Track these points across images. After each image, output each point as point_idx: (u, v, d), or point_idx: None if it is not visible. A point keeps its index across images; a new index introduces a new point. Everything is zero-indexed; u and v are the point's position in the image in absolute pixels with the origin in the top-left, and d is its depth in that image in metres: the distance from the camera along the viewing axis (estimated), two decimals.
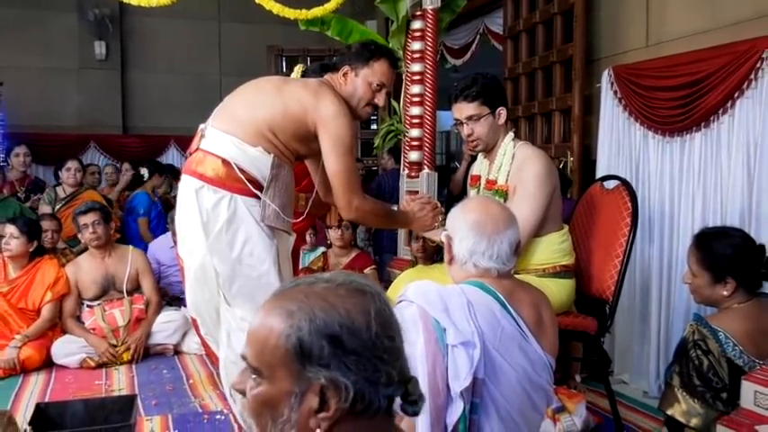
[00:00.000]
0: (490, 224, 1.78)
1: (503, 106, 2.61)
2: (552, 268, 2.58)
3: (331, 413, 0.97)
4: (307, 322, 0.97)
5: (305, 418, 0.98)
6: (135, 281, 4.27)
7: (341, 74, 2.52)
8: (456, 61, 5.93)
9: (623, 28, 3.86)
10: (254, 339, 1.02)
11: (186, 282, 2.58)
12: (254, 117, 2.41)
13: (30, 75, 7.53)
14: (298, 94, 2.44)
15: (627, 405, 3.26)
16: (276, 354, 0.98)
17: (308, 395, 0.97)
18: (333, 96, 2.44)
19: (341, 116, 2.41)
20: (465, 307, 1.65)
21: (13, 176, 5.58)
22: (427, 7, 3.81)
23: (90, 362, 3.95)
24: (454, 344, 1.59)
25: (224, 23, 8.24)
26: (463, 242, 1.78)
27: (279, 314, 1.00)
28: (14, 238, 4.04)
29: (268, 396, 1.00)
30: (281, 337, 0.98)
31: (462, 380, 1.57)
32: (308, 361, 0.96)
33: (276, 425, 0.99)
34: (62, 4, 7.70)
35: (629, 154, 3.65)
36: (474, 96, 2.58)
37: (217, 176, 2.37)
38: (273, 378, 0.99)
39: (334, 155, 2.41)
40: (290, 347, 0.97)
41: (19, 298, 4.05)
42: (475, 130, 2.61)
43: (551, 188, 2.54)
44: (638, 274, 3.54)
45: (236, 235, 2.39)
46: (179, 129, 7.88)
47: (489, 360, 1.62)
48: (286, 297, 1.02)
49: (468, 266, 1.78)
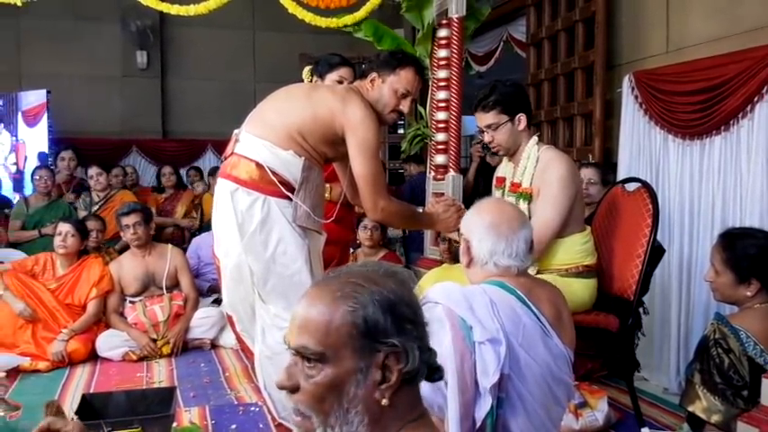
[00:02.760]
0: (506, 224, 1.83)
1: (523, 112, 2.65)
2: (575, 268, 2.62)
3: (393, 381, 1.05)
4: (366, 298, 1.05)
5: (371, 392, 1.04)
6: (174, 278, 4.39)
7: (368, 80, 2.57)
8: (480, 68, 6.01)
9: (644, 34, 3.91)
10: (313, 327, 1.05)
11: (222, 280, 2.65)
12: (286, 122, 2.47)
13: (76, 83, 7.79)
14: (326, 100, 2.50)
15: (647, 401, 3.23)
16: (341, 333, 1.04)
17: (372, 369, 1.04)
18: (360, 101, 2.50)
19: (367, 120, 2.46)
20: (488, 305, 1.69)
21: (60, 179, 5.74)
22: (453, 16, 3.91)
23: (132, 355, 4.06)
24: (481, 341, 1.63)
25: (258, 32, 8.39)
26: (482, 243, 1.83)
27: (334, 299, 1.06)
28: (71, 237, 4.18)
29: (334, 378, 1.04)
30: (345, 316, 1.04)
31: (491, 375, 1.60)
32: (373, 334, 1.04)
33: (342, 406, 1.05)
34: (106, 16, 7.94)
35: (649, 157, 3.67)
36: (491, 106, 2.64)
37: (251, 179, 2.44)
38: (338, 359, 1.04)
39: (360, 157, 2.46)
40: (357, 324, 1.04)
41: (66, 294, 4.17)
42: (495, 137, 2.66)
43: (574, 190, 2.58)
44: (658, 273, 3.56)
45: (269, 235, 2.45)
46: (215, 133, 8.08)
47: (514, 356, 1.66)
48: (332, 285, 1.08)
49: (489, 266, 1.83)
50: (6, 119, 6.91)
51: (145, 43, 8.01)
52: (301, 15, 4.50)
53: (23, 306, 4.00)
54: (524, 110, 2.67)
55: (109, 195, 5.49)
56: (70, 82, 7.71)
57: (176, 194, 6.42)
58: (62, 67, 7.76)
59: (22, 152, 6.73)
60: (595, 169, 3.61)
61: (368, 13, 4.51)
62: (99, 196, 5.47)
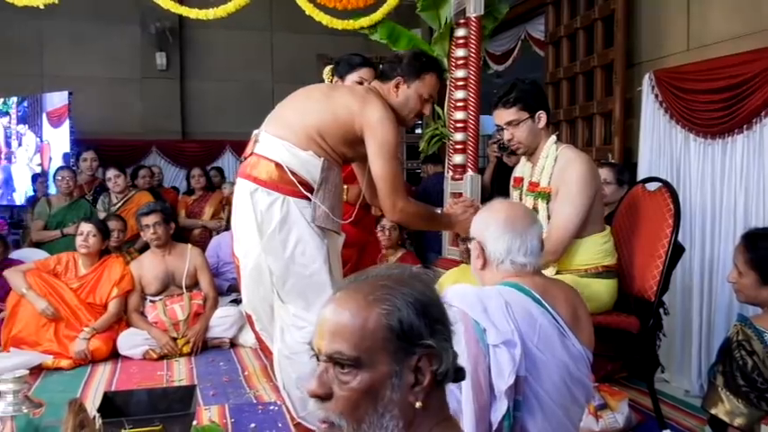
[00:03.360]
0: (519, 221, 1.83)
1: (543, 110, 2.64)
2: (594, 268, 2.61)
3: (426, 383, 1.05)
4: (400, 301, 1.04)
5: (405, 395, 1.04)
6: (193, 277, 4.43)
7: (392, 84, 2.57)
8: (498, 67, 5.99)
9: (664, 32, 3.88)
10: (347, 332, 1.04)
11: (242, 279, 2.66)
12: (305, 122, 2.48)
13: (97, 85, 7.86)
14: (345, 100, 2.51)
15: (669, 403, 3.22)
16: (377, 337, 1.03)
17: (405, 372, 1.04)
18: (379, 102, 2.50)
19: (387, 121, 2.47)
20: (503, 307, 1.67)
21: (82, 180, 5.80)
22: (471, 15, 3.90)
23: (152, 353, 4.11)
24: (495, 343, 1.62)
25: (276, 33, 8.43)
26: (498, 242, 1.81)
27: (367, 302, 1.05)
28: (93, 236, 4.23)
29: (370, 383, 1.03)
30: (380, 319, 1.03)
31: (506, 378, 1.59)
32: (409, 337, 1.03)
33: (377, 411, 1.04)
34: (126, 19, 8.01)
35: (670, 156, 3.65)
36: (512, 102, 2.63)
37: (270, 179, 2.45)
38: (374, 363, 1.03)
39: (380, 159, 2.46)
40: (393, 327, 1.03)
41: (88, 293, 4.22)
42: (515, 134, 2.65)
43: (594, 190, 2.56)
44: (679, 274, 3.54)
45: (288, 235, 2.46)
46: (234, 134, 8.15)
47: (530, 358, 1.64)
48: (362, 289, 1.07)
49: (506, 265, 1.82)
50: (31, 120, 7.00)
51: (164, 45, 8.07)
52: (318, 17, 4.51)
53: (46, 304, 4.06)
54: (544, 108, 2.67)
55: (127, 196, 5.54)
56: (91, 84, 7.78)
57: (205, 196, 6.49)
58: (83, 68, 7.84)
59: (46, 153, 6.81)
60: (610, 169, 3.59)
61: (384, 15, 4.51)
62: (117, 198, 5.53)
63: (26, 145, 7.04)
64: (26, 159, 7.04)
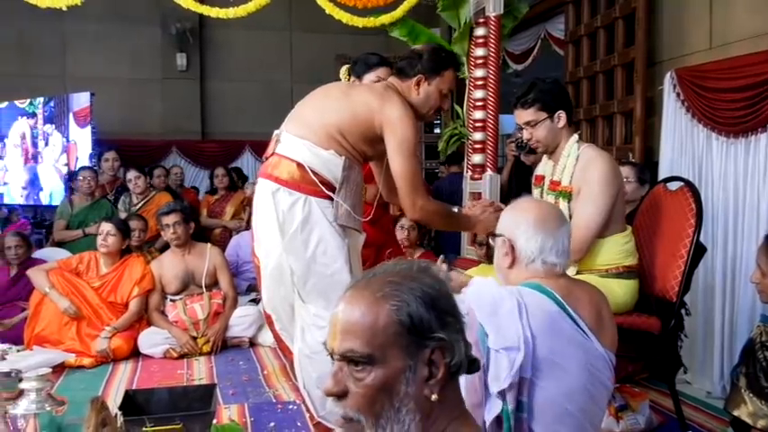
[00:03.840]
0: (551, 220, 1.80)
1: (562, 109, 2.62)
2: (615, 269, 2.58)
3: (440, 376, 1.06)
4: (409, 296, 1.06)
5: (420, 389, 1.06)
6: (213, 276, 4.46)
7: (413, 82, 2.55)
8: (518, 66, 5.96)
9: (686, 30, 3.84)
10: (358, 329, 1.05)
11: (262, 280, 2.66)
12: (325, 121, 2.48)
13: (118, 85, 7.94)
14: (364, 98, 2.51)
15: (690, 405, 3.20)
16: (388, 333, 1.04)
17: (419, 366, 1.05)
18: (398, 99, 2.50)
19: (406, 118, 2.46)
20: (515, 311, 1.64)
21: (104, 180, 5.86)
22: (490, 14, 3.89)
23: (173, 352, 4.14)
24: (496, 348, 1.60)
25: (295, 33, 8.46)
26: (530, 241, 1.77)
27: (376, 299, 1.06)
28: (111, 236, 4.28)
29: (384, 378, 1.04)
30: (390, 315, 1.04)
31: (501, 381, 1.58)
32: (419, 330, 1.05)
33: (393, 406, 1.05)
34: (147, 19, 8.09)
35: (692, 155, 3.61)
36: (530, 103, 2.62)
37: (292, 179, 2.45)
38: (387, 358, 1.04)
39: (399, 156, 2.45)
40: (403, 322, 1.04)
41: (109, 292, 4.27)
42: (534, 134, 2.64)
43: (616, 189, 2.54)
44: (701, 274, 3.50)
45: (310, 235, 2.46)
46: (253, 134, 8.20)
47: (543, 361, 1.62)
48: (371, 286, 1.08)
49: (536, 265, 1.78)
50: (57, 120, 7.08)
51: (184, 45, 8.13)
52: (338, 16, 4.53)
53: (68, 303, 4.11)
54: (564, 107, 2.65)
55: (148, 197, 5.59)
56: (112, 84, 7.86)
57: (227, 196, 6.54)
58: (105, 69, 7.94)
59: (73, 153, 6.88)
60: (631, 167, 3.56)
61: (405, 12, 4.52)
62: (138, 198, 5.58)
63: (53, 145, 7.12)
64: (53, 160, 7.12)
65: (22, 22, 7.49)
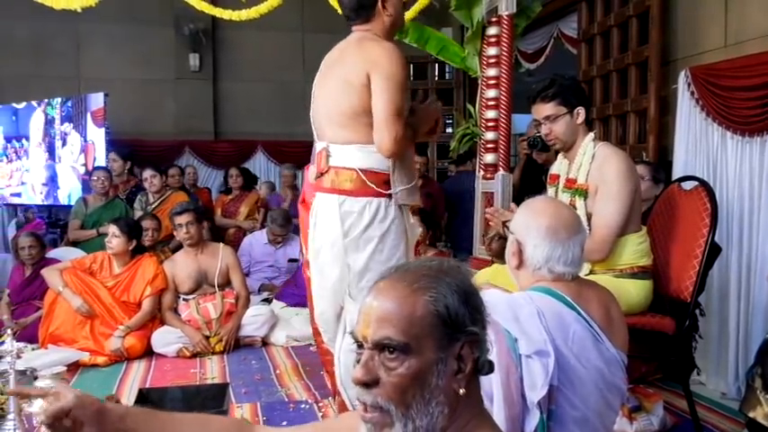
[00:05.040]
0: (563, 230, 1.75)
1: (582, 106, 2.63)
2: (630, 269, 2.57)
3: (468, 371, 1.08)
4: (445, 289, 1.07)
5: (449, 382, 1.07)
6: (225, 276, 4.48)
7: (379, 6, 2.56)
8: (530, 65, 5.94)
9: (701, 29, 3.81)
10: (395, 318, 1.06)
11: (317, 294, 2.70)
12: (347, 113, 2.51)
13: (131, 86, 7.98)
14: (348, 65, 2.52)
15: (705, 406, 3.17)
16: (424, 323, 1.06)
17: (449, 359, 1.07)
18: (376, 41, 2.53)
19: (388, 51, 2.46)
20: (535, 315, 1.63)
21: (117, 180, 5.92)
22: (503, 13, 3.87)
23: (185, 351, 4.17)
24: (527, 354, 1.57)
25: (307, 34, 8.46)
26: (538, 249, 1.75)
27: (413, 290, 1.07)
28: (115, 237, 4.32)
29: (418, 368, 1.05)
30: (427, 306, 1.06)
31: (539, 389, 1.55)
32: (454, 323, 1.07)
33: (423, 397, 1.06)
34: (160, 20, 8.12)
35: (706, 154, 3.58)
36: (551, 97, 2.62)
37: (355, 187, 2.52)
38: (421, 349, 1.05)
39: (386, 92, 2.41)
40: (440, 314, 1.06)
41: (122, 292, 4.30)
42: (553, 129, 2.64)
43: (633, 185, 2.54)
44: (716, 274, 3.47)
45: (372, 234, 2.53)
46: (266, 134, 8.24)
47: (564, 366, 1.61)
48: (407, 278, 1.10)
49: (543, 272, 1.76)
50: (75, 120, 7.13)
51: (197, 46, 8.16)
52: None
53: (81, 302, 4.14)
54: (583, 104, 2.66)
55: (164, 196, 5.62)
56: (126, 85, 7.91)
57: (241, 196, 6.59)
58: (118, 70, 7.98)
59: (90, 153, 6.92)
60: (645, 166, 3.55)
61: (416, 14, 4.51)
62: (154, 197, 5.61)
63: (71, 144, 7.16)
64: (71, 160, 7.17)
65: (37, 24, 7.55)
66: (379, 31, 2.60)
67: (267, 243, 5.72)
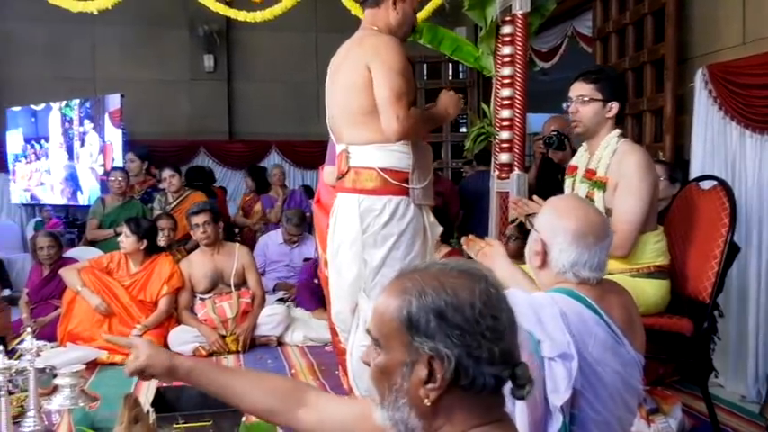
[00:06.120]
0: (592, 236, 1.72)
1: (617, 101, 2.62)
2: (646, 268, 2.55)
3: (437, 384, 1.05)
4: (416, 298, 1.07)
5: (415, 388, 1.07)
6: (241, 275, 4.50)
7: (390, 3, 2.59)
8: (544, 64, 5.90)
9: (718, 26, 3.77)
10: (376, 314, 1.13)
11: (334, 293, 2.73)
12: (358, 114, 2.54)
13: (147, 87, 8.03)
14: (351, 66, 2.55)
15: (724, 409, 3.15)
16: (391, 326, 1.09)
17: (418, 365, 1.06)
18: (375, 36, 2.56)
19: (388, 42, 2.51)
20: (558, 317, 1.60)
21: (134, 180, 5.97)
22: (517, 12, 3.85)
23: (202, 350, 4.20)
24: (551, 356, 1.56)
25: (320, 35, 8.47)
26: (564, 254, 1.72)
27: (395, 291, 1.10)
28: (126, 237, 4.35)
29: (384, 365, 1.10)
30: (395, 310, 1.08)
31: (562, 393, 1.53)
32: (415, 332, 1.06)
33: (392, 392, 1.09)
34: (175, 22, 8.18)
35: (724, 153, 3.55)
36: (592, 80, 2.62)
37: (375, 186, 2.54)
38: (389, 348, 1.09)
39: (384, 79, 2.45)
40: (401, 319, 1.07)
41: (139, 291, 4.34)
42: (579, 110, 2.62)
43: (653, 181, 2.53)
44: (734, 275, 3.44)
45: (391, 232, 2.55)
46: (280, 134, 8.27)
47: (585, 369, 1.59)
48: (405, 278, 1.12)
49: (568, 276, 1.74)
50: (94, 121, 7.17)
51: (212, 47, 8.20)
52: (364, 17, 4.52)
53: (99, 300, 4.18)
54: (619, 100, 2.64)
55: (182, 196, 5.66)
56: (142, 86, 7.95)
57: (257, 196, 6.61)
58: (134, 72, 8.03)
59: (109, 154, 6.97)
60: (662, 165, 3.52)
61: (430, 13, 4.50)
62: (173, 197, 5.65)
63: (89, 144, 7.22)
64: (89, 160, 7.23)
65: (54, 26, 7.63)
66: (383, 25, 2.62)
67: (282, 243, 5.75)
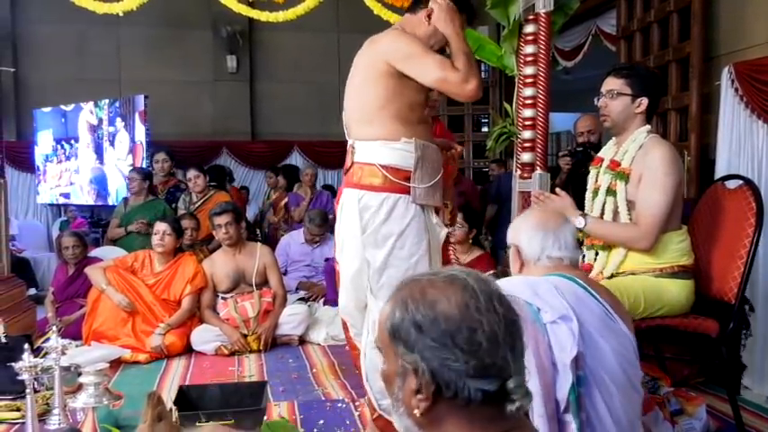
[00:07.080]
0: (551, 221, 1.95)
1: (647, 97, 2.61)
2: (670, 268, 2.53)
3: (425, 395, 1.05)
4: (400, 310, 1.08)
5: (408, 397, 1.07)
6: (263, 275, 4.53)
7: (424, 14, 2.60)
8: (568, 63, 5.87)
9: (745, 24, 3.71)
10: (378, 322, 1.16)
11: (341, 286, 2.73)
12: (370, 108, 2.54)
13: (170, 87, 8.13)
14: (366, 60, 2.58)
15: (749, 410, 3.09)
16: (383, 336, 1.12)
17: (409, 376, 1.06)
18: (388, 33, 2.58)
19: (400, 36, 2.54)
20: (553, 290, 1.72)
21: (156, 181, 6.02)
22: (540, 11, 3.82)
23: (224, 349, 4.22)
24: (552, 320, 1.65)
25: (342, 34, 8.50)
26: (532, 241, 1.92)
27: (390, 302, 1.12)
28: (168, 235, 4.41)
29: (384, 374, 1.14)
30: (384, 321, 1.11)
31: (569, 351, 1.61)
32: (401, 344, 1.07)
33: (394, 398, 1.12)
34: (199, 23, 8.27)
35: (751, 152, 3.49)
36: (623, 75, 2.63)
37: (377, 182, 2.53)
38: (387, 357, 1.12)
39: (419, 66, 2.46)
40: (388, 329, 1.10)
41: (163, 290, 4.38)
42: (609, 104, 2.64)
43: (678, 177, 2.51)
44: (761, 275, 3.39)
45: (392, 229, 2.53)
46: (302, 134, 8.31)
47: (585, 336, 1.65)
48: (399, 288, 1.14)
49: (543, 261, 1.91)
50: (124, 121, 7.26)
51: (235, 48, 8.27)
52: (386, 16, 4.54)
53: (123, 297, 4.23)
54: (649, 96, 2.63)
55: (206, 196, 5.70)
56: (165, 87, 8.05)
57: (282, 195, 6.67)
58: (158, 73, 8.13)
59: (139, 154, 7.05)
60: None
61: None
62: (197, 197, 5.70)
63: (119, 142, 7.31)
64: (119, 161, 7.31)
65: (80, 27, 7.74)
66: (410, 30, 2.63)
67: (304, 243, 5.76)
